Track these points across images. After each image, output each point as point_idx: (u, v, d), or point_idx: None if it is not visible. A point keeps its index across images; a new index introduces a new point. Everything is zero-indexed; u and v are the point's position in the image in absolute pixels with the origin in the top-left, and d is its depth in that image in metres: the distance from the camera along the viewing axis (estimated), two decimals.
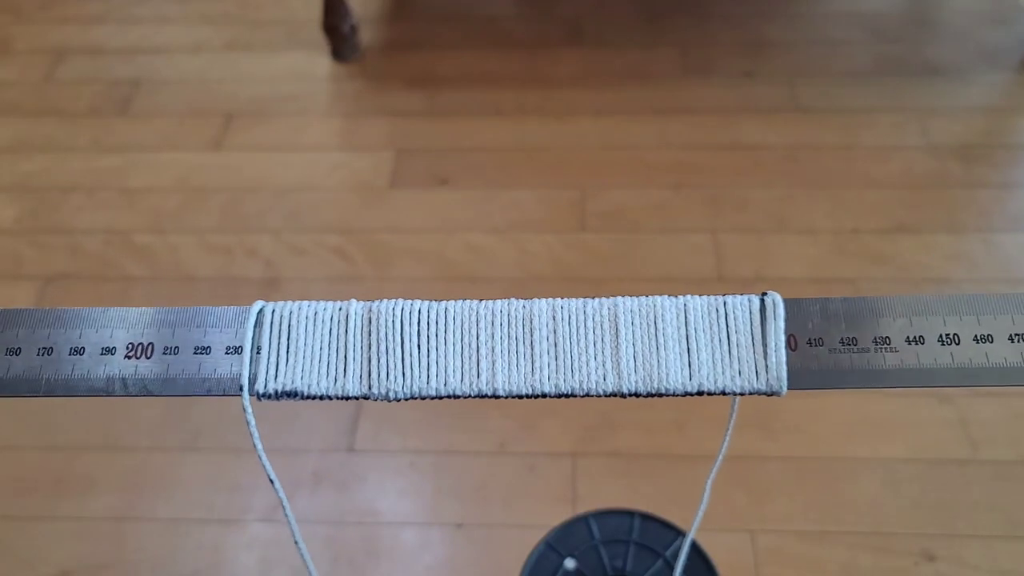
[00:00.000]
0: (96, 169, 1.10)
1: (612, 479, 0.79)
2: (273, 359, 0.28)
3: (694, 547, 0.69)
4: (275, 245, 1.00)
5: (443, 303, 0.28)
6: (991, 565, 0.72)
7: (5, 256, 1.00)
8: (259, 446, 0.28)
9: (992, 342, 0.27)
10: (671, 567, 0.67)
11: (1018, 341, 0.27)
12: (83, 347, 0.28)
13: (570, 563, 0.68)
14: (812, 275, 0.94)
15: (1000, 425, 0.79)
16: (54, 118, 1.18)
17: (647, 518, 0.70)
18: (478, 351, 0.27)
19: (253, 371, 0.27)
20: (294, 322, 0.28)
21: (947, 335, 0.27)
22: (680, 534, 0.69)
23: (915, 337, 0.27)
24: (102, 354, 0.28)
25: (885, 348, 0.27)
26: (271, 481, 0.29)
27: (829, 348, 0.27)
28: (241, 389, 0.27)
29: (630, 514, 0.71)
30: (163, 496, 0.80)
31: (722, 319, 0.28)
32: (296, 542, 0.30)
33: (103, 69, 1.25)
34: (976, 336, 0.27)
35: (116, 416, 0.85)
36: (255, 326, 0.28)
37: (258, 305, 0.28)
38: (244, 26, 1.31)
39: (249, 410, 0.27)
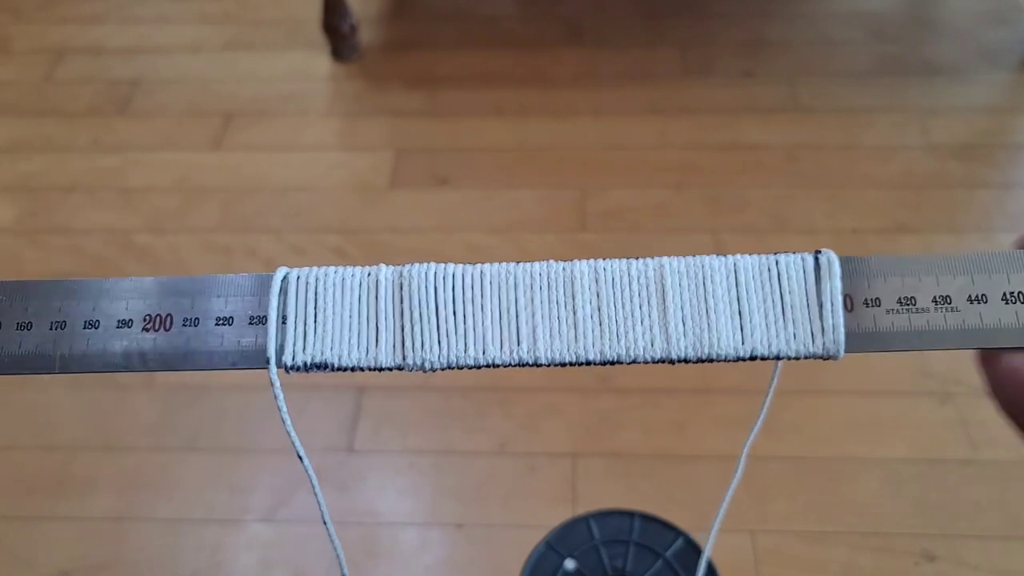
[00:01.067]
0: (96, 169, 1.10)
1: (612, 479, 0.79)
2: (300, 329, 0.26)
3: (694, 547, 0.69)
4: (275, 245, 1.00)
5: (478, 266, 0.26)
6: (991, 565, 0.72)
7: (5, 256, 1.00)
8: (287, 421, 0.26)
9: (951, 301, 0.26)
10: (671, 567, 0.67)
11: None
12: (98, 320, 0.26)
13: (570, 563, 0.68)
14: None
15: (1000, 425, 0.79)
16: (54, 118, 1.17)
17: (647, 518, 0.70)
18: (517, 317, 0.26)
19: (280, 342, 0.26)
20: (320, 289, 0.27)
21: (1011, 293, 0.25)
22: (680, 534, 0.69)
23: (978, 296, 0.25)
24: (118, 327, 0.26)
25: (946, 307, 0.25)
26: (300, 458, 0.27)
27: (887, 308, 0.25)
28: (268, 362, 0.25)
29: (630, 514, 0.70)
30: (163, 496, 0.79)
31: (775, 279, 0.26)
32: (324, 523, 0.29)
33: (103, 69, 1.24)
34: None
35: (116, 416, 0.85)
36: (279, 294, 0.26)
37: (282, 271, 0.27)
38: (244, 26, 1.31)
39: (277, 384, 0.26)
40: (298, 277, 0.27)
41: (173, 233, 1.02)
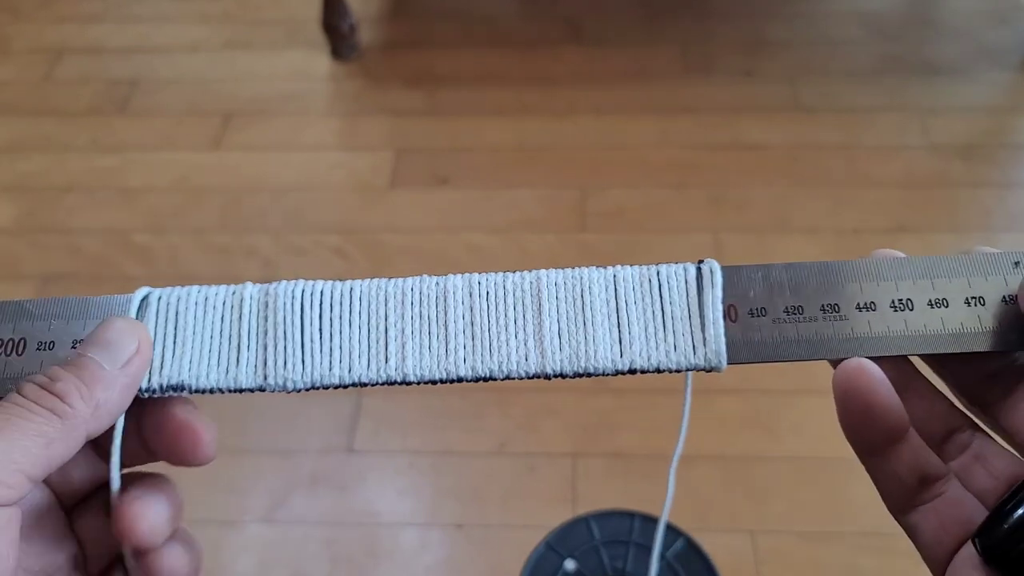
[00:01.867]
0: (95, 169, 1.10)
1: (612, 480, 0.78)
2: (159, 351, 0.25)
3: (694, 548, 0.69)
4: (274, 245, 0.99)
5: (348, 282, 0.25)
6: None
7: (3, 256, 1.00)
8: (116, 454, 0.24)
9: (947, 306, 0.25)
10: (672, 568, 0.67)
11: (975, 304, 0.25)
12: None
13: (570, 564, 0.67)
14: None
15: None
16: (52, 117, 1.17)
17: (647, 519, 0.70)
18: (387, 333, 0.25)
19: None
20: (182, 308, 0.25)
21: (900, 300, 0.25)
22: (681, 535, 0.69)
23: (866, 303, 0.25)
24: None
25: (834, 316, 0.25)
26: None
27: (773, 318, 0.25)
28: (139, 389, 0.24)
29: (630, 515, 0.70)
30: None
31: (655, 290, 0.25)
32: None
33: (102, 68, 1.24)
34: (931, 301, 0.25)
35: None
36: (139, 314, 0.25)
37: (142, 292, 0.26)
38: (243, 25, 1.30)
39: (116, 447, 0.24)
40: (159, 297, 0.26)
41: (172, 233, 1.01)
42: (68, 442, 0.22)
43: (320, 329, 0.25)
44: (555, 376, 0.25)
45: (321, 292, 0.25)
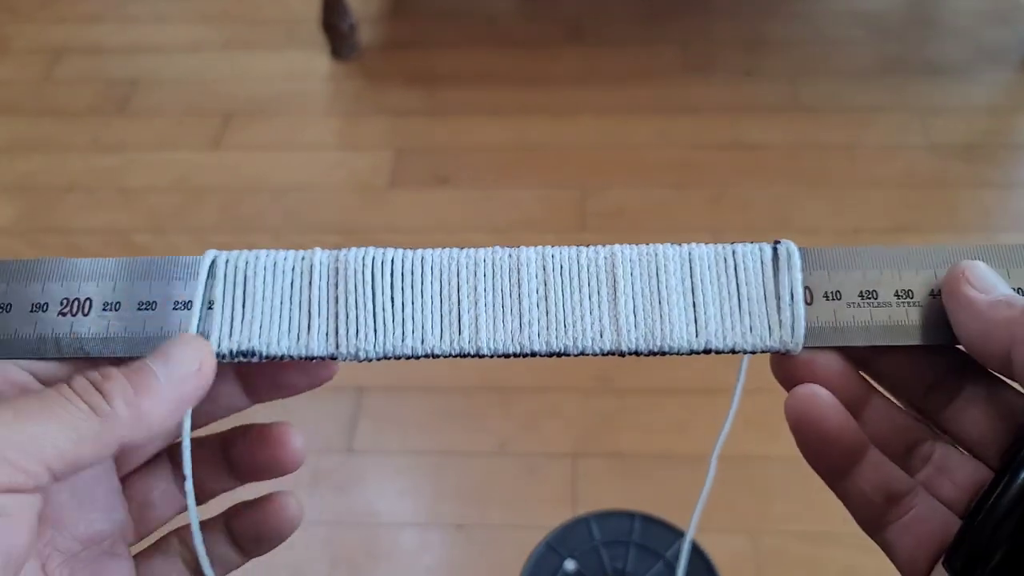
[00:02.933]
0: (95, 168, 1.10)
1: (613, 480, 0.78)
2: (227, 315, 0.24)
3: (694, 548, 0.68)
4: (274, 244, 0.99)
5: (419, 251, 0.25)
6: None
7: (3, 256, 1.00)
8: (187, 427, 0.24)
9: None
10: (672, 569, 0.67)
11: None
12: (9, 303, 0.24)
13: (570, 564, 0.67)
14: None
15: None
16: (52, 117, 1.17)
17: (648, 519, 0.70)
18: (459, 305, 0.25)
19: (205, 328, 0.24)
20: (251, 273, 0.25)
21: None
22: (681, 535, 0.69)
23: (938, 290, 0.24)
24: (32, 311, 0.24)
25: (907, 302, 0.24)
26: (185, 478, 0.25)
27: (848, 302, 0.24)
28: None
29: (631, 515, 0.70)
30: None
31: (731, 270, 0.25)
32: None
33: (101, 68, 1.24)
34: (1016, 290, 0.24)
35: None
36: (208, 278, 0.25)
37: (211, 254, 0.25)
38: (243, 25, 1.30)
39: (187, 424, 0.24)
40: (227, 260, 0.25)
41: (172, 233, 1.01)
42: (99, 444, 0.21)
43: (392, 298, 0.25)
44: (630, 353, 0.24)
45: (392, 260, 0.25)
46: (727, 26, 1.25)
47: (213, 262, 0.25)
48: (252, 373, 0.26)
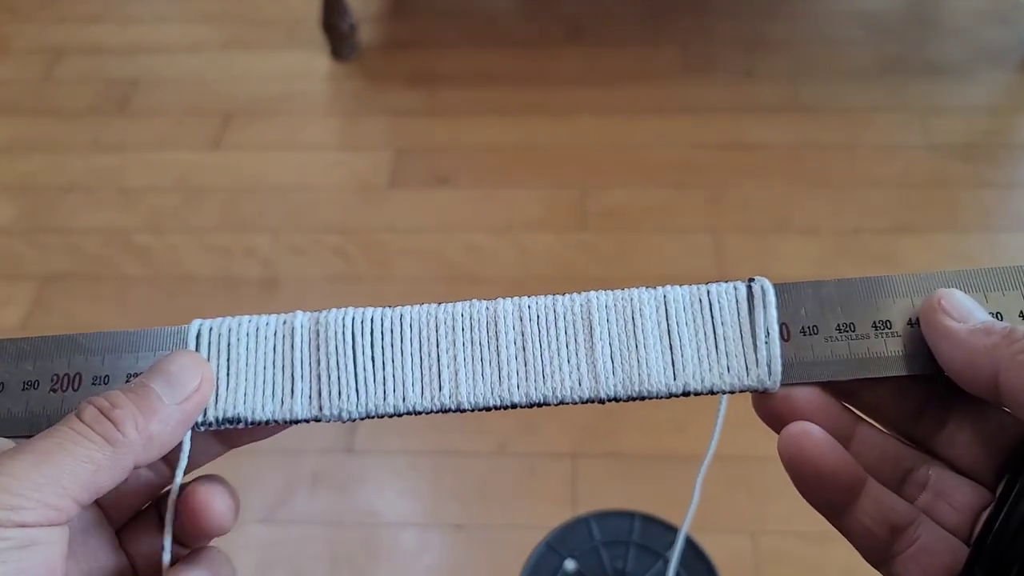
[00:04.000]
0: (94, 168, 1.10)
1: (612, 480, 0.78)
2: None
3: (694, 548, 0.68)
4: (274, 245, 0.99)
5: (398, 309, 0.25)
6: None
7: (3, 256, 1.00)
8: (178, 481, 0.25)
9: (1002, 318, 0.24)
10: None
11: None
12: (1, 383, 0.25)
13: (570, 564, 0.67)
14: (814, 275, 0.93)
15: None
16: (52, 117, 1.17)
17: (648, 519, 0.70)
18: (439, 360, 0.25)
19: None
20: (234, 340, 0.25)
21: None
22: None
23: (916, 319, 0.24)
24: (23, 389, 0.25)
25: (886, 333, 0.24)
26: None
27: (825, 336, 0.24)
28: (195, 423, 0.24)
29: (630, 515, 0.70)
30: None
31: (706, 310, 0.25)
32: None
33: (101, 68, 1.24)
34: (993, 315, 0.24)
35: None
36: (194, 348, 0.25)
37: (196, 324, 0.25)
38: (242, 25, 1.30)
39: (187, 446, 0.24)
40: (211, 328, 0.25)
41: (172, 233, 1.01)
42: (116, 470, 0.22)
43: (372, 358, 0.25)
44: (609, 400, 0.24)
45: (371, 319, 0.25)
46: (727, 26, 1.25)
47: (198, 331, 0.25)
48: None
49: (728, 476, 0.77)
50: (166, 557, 0.25)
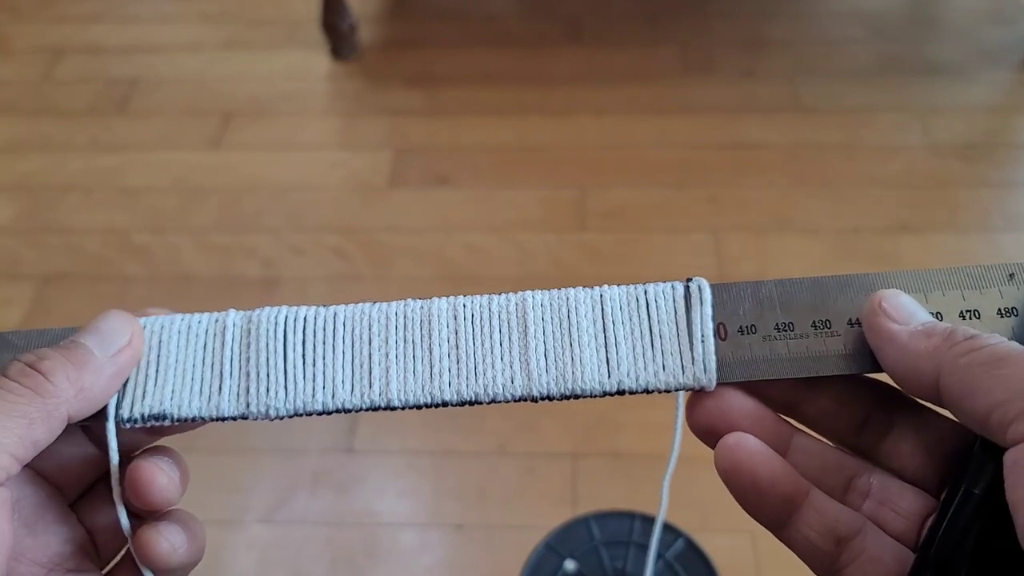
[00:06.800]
0: (94, 168, 1.10)
1: (612, 480, 0.78)
2: (140, 379, 0.25)
3: (694, 548, 0.69)
4: (274, 244, 0.99)
5: (332, 308, 0.25)
6: None
7: (3, 256, 1.00)
8: (116, 478, 0.24)
9: (942, 318, 0.24)
10: (672, 568, 0.67)
11: (1007, 315, 0.24)
12: None
13: (570, 564, 0.67)
14: (813, 275, 0.93)
15: None
16: (52, 117, 1.17)
17: (648, 519, 0.70)
18: (370, 359, 0.25)
19: (119, 395, 0.24)
20: (165, 337, 0.25)
21: None
22: (680, 535, 0.69)
23: (858, 319, 0.24)
24: None
25: (826, 333, 0.24)
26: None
27: (763, 335, 0.24)
28: (106, 416, 0.24)
29: (630, 515, 0.70)
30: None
31: (643, 309, 0.25)
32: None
33: (101, 68, 1.24)
34: (933, 315, 0.24)
35: None
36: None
37: (142, 322, 0.25)
38: (242, 25, 1.30)
39: (113, 440, 0.24)
40: (145, 326, 0.25)
41: (172, 233, 1.01)
42: (50, 423, 0.22)
43: (303, 355, 0.25)
44: (542, 399, 0.24)
45: (304, 318, 0.25)
46: (727, 26, 1.25)
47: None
48: None
49: None
50: (125, 524, 0.25)
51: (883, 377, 0.25)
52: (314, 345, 0.25)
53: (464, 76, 1.20)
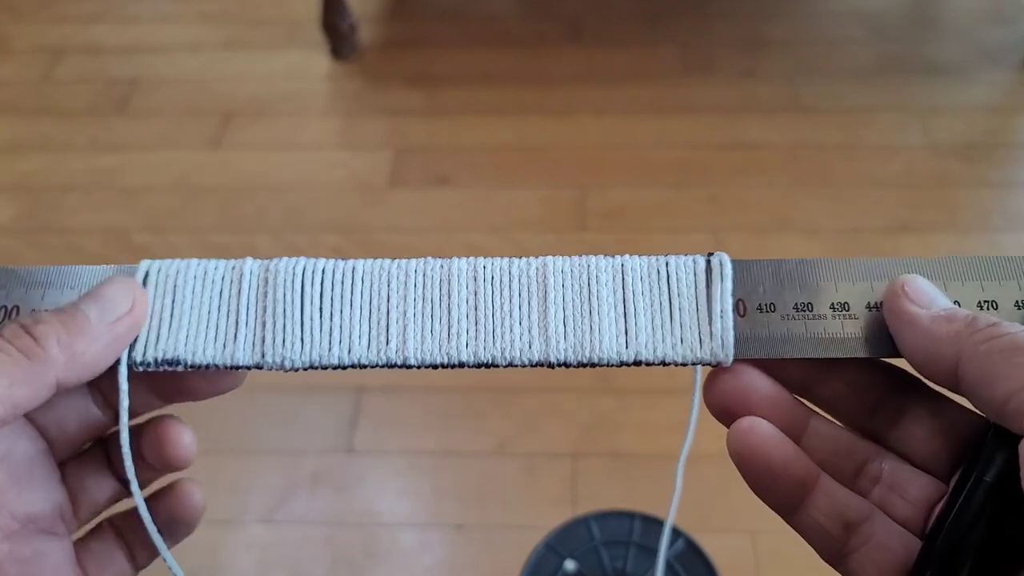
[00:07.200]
0: (94, 168, 1.10)
1: (612, 480, 0.78)
2: (155, 324, 0.24)
3: (694, 548, 0.69)
4: (273, 244, 0.99)
5: (351, 261, 0.25)
6: None
7: (3, 256, 1.00)
8: (125, 428, 0.25)
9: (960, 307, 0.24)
10: (672, 568, 0.67)
11: (988, 308, 0.24)
12: None
13: (570, 564, 0.67)
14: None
15: None
16: (52, 117, 1.17)
17: (648, 519, 0.70)
18: (388, 315, 0.24)
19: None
20: (180, 282, 0.25)
21: None
22: (681, 535, 0.69)
23: (876, 303, 0.24)
24: None
25: (844, 315, 0.24)
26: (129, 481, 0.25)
27: (782, 314, 0.24)
28: (132, 361, 0.24)
29: (630, 515, 0.70)
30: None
31: (663, 281, 0.25)
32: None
33: (101, 68, 1.24)
34: (956, 302, 0.24)
35: None
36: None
37: (145, 264, 0.25)
38: (242, 25, 1.30)
39: (124, 384, 0.24)
40: (159, 270, 0.25)
41: (172, 232, 1.01)
42: (35, 386, 0.22)
43: (320, 308, 0.24)
44: (559, 365, 0.24)
45: (323, 270, 0.25)
46: (727, 26, 1.25)
47: (147, 272, 0.25)
48: (159, 376, 0.25)
49: (728, 475, 0.77)
50: (133, 480, 0.25)
51: (898, 362, 0.25)
52: (331, 298, 0.24)
53: (464, 76, 1.20)
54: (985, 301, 0.24)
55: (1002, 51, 1.19)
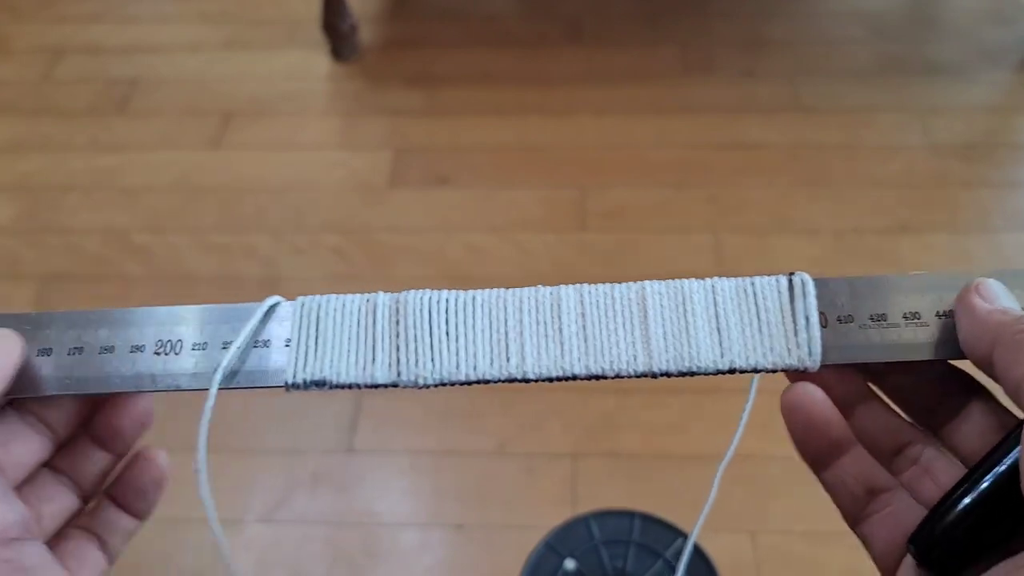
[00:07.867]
0: (94, 168, 1.10)
1: (612, 480, 0.78)
2: (302, 351, 0.28)
3: (694, 547, 0.68)
4: (274, 244, 0.99)
5: (471, 292, 0.29)
6: None
7: (3, 256, 1.00)
8: (204, 436, 0.29)
9: None
10: (672, 568, 0.67)
11: None
12: (112, 346, 0.28)
13: (570, 564, 0.67)
14: (813, 275, 0.93)
15: None
16: (52, 117, 1.17)
17: (647, 519, 0.70)
18: (506, 336, 0.27)
19: (278, 364, 0.28)
20: (322, 315, 0.29)
21: None
22: (680, 535, 0.69)
23: (946, 311, 0.27)
24: (131, 352, 0.28)
25: (915, 323, 0.27)
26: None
27: (859, 324, 0.27)
28: (285, 382, 0.28)
29: (630, 515, 0.70)
30: (162, 496, 0.79)
31: (751, 299, 0.28)
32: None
33: (101, 68, 1.24)
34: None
35: None
36: (266, 319, 0.29)
37: (271, 300, 0.29)
38: (243, 25, 1.30)
39: (211, 400, 0.28)
40: (302, 304, 0.29)
41: (172, 232, 1.01)
42: None
43: (447, 332, 0.28)
44: (662, 375, 0.27)
45: (447, 300, 0.29)
46: (727, 26, 1.25)
47: (274, 307, 0.29)
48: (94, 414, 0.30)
49: (728, 475, 0.77)
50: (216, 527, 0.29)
51: (964, 364, 0.27)
52: (456, 324, 0.28)
53: (464, 76, 1.20)
54: None
55: (1002, 51, 1.19)
